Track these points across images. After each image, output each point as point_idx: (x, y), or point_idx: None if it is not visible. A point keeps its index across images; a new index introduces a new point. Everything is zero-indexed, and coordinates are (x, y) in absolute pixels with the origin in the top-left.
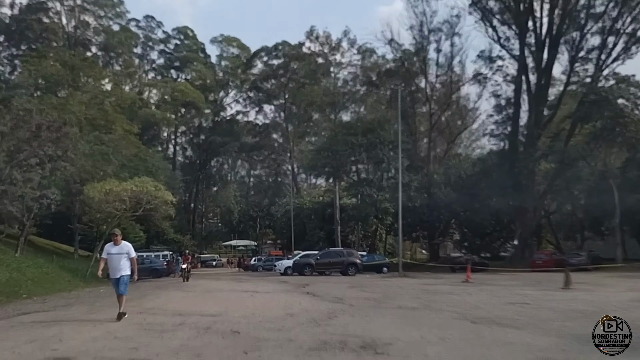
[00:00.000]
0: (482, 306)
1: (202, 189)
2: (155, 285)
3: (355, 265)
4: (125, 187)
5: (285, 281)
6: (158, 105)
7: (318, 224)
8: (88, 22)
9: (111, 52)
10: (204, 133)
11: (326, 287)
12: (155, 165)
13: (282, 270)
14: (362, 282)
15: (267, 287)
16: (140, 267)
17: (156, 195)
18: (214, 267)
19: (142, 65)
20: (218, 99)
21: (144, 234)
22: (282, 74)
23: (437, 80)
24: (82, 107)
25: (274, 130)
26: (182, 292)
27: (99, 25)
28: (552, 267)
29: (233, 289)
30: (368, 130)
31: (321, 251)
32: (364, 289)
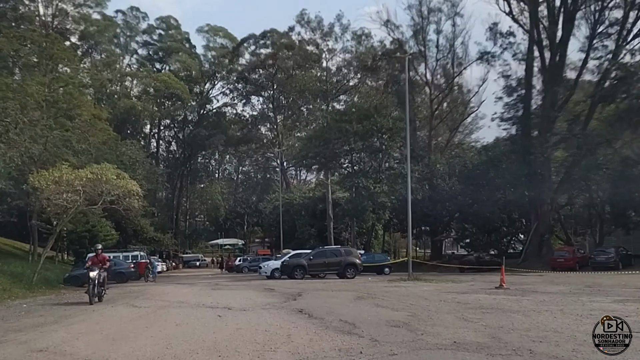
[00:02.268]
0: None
1: (187, 184)
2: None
3: (355, 266)
4: (79, 174)
5: (272, 288)
6: (139, 96)
7: (309, 220)
8: (66, 10)
9: (90, 40)
10: (188, 126)
11: (325, 300)
12: (130, 156)
13: (269, 273)
14: (368, 289)
15: (247, 299)
16: None
17: (118, 184)
18: (198, 268)
19: (123, 56)
20: (204, 90)
21: (115, 233)
22: (271, 64)
23: (437, 64)
24: (42, 89)
25: (262, 123)
26: (126, 308)
27: (77, 13)
28: (575, 266)
29: (199, 303)
30: (363, 117)
31: (314, 250)
32: (377, 301)
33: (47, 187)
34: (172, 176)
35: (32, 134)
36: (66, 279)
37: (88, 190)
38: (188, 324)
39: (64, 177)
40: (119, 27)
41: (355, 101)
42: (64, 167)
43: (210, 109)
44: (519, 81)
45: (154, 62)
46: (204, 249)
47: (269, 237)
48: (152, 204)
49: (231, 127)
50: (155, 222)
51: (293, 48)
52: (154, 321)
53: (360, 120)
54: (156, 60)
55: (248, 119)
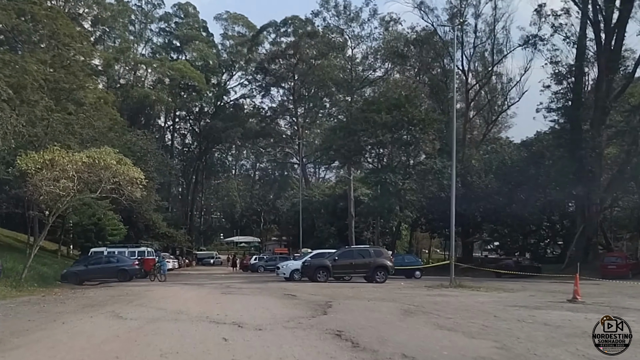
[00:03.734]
0: None
1: (202, 179)
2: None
3: (386, 268)
4: (73, 158)
5: (293, 294)
6: (154, 86)
7: (329, 218)
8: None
9: (102, 25)
10: (204, 118)
11: (365, 314)
12: (142, 147)
13: (288, 275)
14: (411, 299)
15: (263, 309)
16: (104, 267)
17: (118, 171)
18: (212, 266)
19: (137, 44)
20: (221, 81)
21: (124, 227)
22: (292, 54)
23: (475, 51)
24: (42, 67)
25: (282, 116)
26: (106, 320)
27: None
28: (628, 273)
29: (202, 315)
30: (393, 106)
31: (339, 250)
32: (434, 318)
33: (38, 172)
34: (187, 170)
35: (31, 116)
36: (64, 276)
37: (84, 177)
38: (179, 353)
39: (56, 160)
40: (133, 13)
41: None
42: (56, 149)
43: (228, 100)
44: (570, 68)
45: (170, 51)
46: (219, 246)
47: (286, 236)
48: (165, 198)
49: (249, 120)
50: (168, 217)
51: (316, 36)
52: (132, 347)
53: (389, 111)
54: (172, 49)
55: (267, 111)
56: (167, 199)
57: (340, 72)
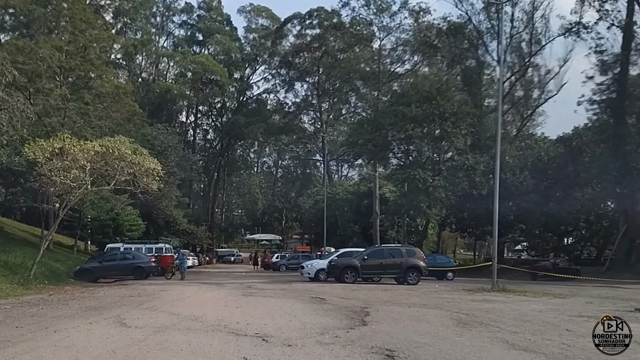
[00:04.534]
0: None
1: (224, 176)
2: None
3: (419, 269)
4: (84, 147)
5: (321, 297)
6: (176, 80)
7: (352, 216)
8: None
9: (124, 17)
10: (227, 114)
11: (412, 325)
12: (163, 141)
13: (313, 275)
14: (456, 305)
15: (290, 316)
16: (120, 264)
17: (133, 161)
18: (233, 263)
19: (159, 36)
20: (244, 76)
21: (143, 223)
22: (317, 47)
23: (511, 41)
24: (56, 54)
25: (306, 111)
26: (107, 327)
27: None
28: None
29: (220, 323)
30: (423, 99)
31: (369, 248)
32: (497, 332)
33: (47, 161)
34: (208, 167)
35: (46, 105)
36: (77, 273)
37: (97, 167)
38: None
39: (66, 148)
40: (155, 4)
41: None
42: (67, 137)
43: (250, 95)
44: (616, 57)
45: (192, 44)
46: (240, 243)
47: (308, 234)
48: (186, 194)
49: (272, 116)
50: (189, 213)
51: (342, 28)
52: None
53: (419, 104)
54: (194, 43)
55: (290, 106)
56: (189, 195)
57: (367, 65)
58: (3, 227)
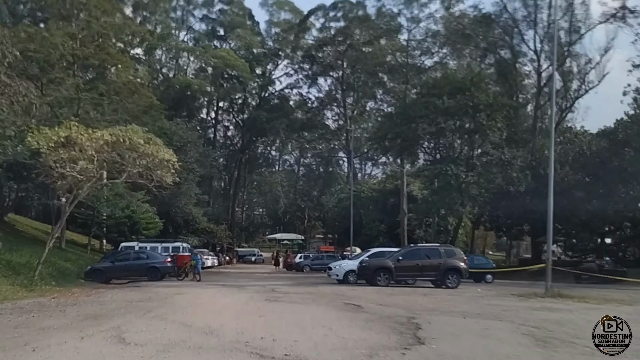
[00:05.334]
0: None
1: (245, 174)
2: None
3: (459, 271)
4: (93, 136)
5: (355, 303)
6: (196, 75)
7: (378, 215)
8: None
9: (143, 11)
10: (248, 110)
11: (480, 344)
12: (182, 136)
13: (341, 277)
14: (516, 315)
15: (325, 329)
16: (133, 264)
17: (145, 152)
18: (253, 263)
19: (179, 30)
20: (266, 71)
21: (160, 220)
22: (342, 41)
23: (549, 29)
24: (69, 41)
25: (329, 107)
26: (100, 343)
27: None
28: None
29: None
30: (456, 90)
31: (403, 248)
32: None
33: (52, 151)
34: (229, 164)
35: (57, 95)
36: (87, 273)
37: (107, 158)
38: None
39: (73, 137)
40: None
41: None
42: (74, 125)
43: (272, 91)
44: None
45: (212, 39)
46: (261, 243)
47: (331, 233)
48: (206, 192)
49: (294, 112)
50: (209, 212)
51: (368, 20)
52: None
53: (452, 95)
54: (215, 38)
55: (313, 101)
56: (209, 193)
57: (394, 58)
58: (15, 225)
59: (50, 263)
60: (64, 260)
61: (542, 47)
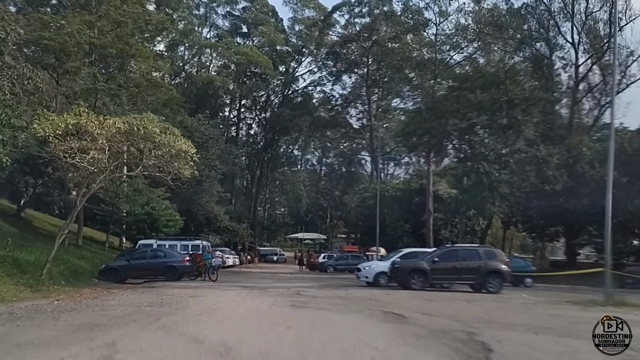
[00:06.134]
0: None
1: (267, 172)
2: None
3: (501, 275)
4: (105, 124)
5: (396, 312)
6: (219, 72)
7: (402, 215)
8: None
9: (166, 7)
10: (271, 108)
11: None
12: (203, 132)
13: (371, 279)
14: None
15: (369, 349)
16: (149, 262)
17: (162, 142)
18: (275, 263)
19: (202, 27)
20: (289, 68)
21: (181, 218)
22: (367, 37)
23: (587, 20)
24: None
25: (354, 104)
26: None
27: None
28: None
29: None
30: (490, 83)
31: (439, 249)
32: None
33: (61, 141)
34: (251, 163)
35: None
36: (102, 272)
37: (120, 148)
38: None
39: (82, 125)
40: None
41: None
42: (83, 112)
43: (296, 89)
44: None
45: (235, 36)
46: (283, 242)
47: (354, 233)
48: (228, 190)
49: (318, 110)
50: (231, 210)
51: (394, 16)
52: None
53: (485, 89)
54: (238, 35)
55: (337, 99)
56: (231, 192)
57: (421, 53)
58: (32, 221)
59: (62, 261)
60: (78, 258)
61: (579, 39)
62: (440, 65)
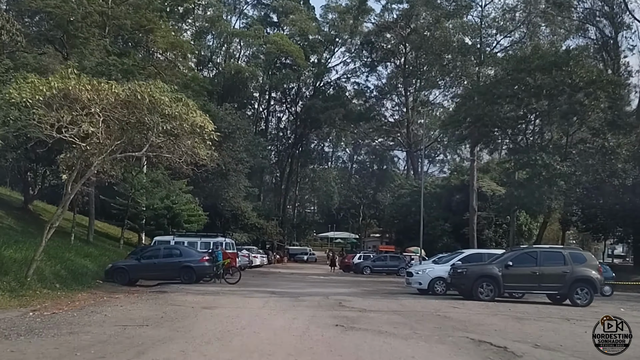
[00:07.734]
0: None
1: (297, 168)
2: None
3: (592, 284)
4: (99, 88)
5: (486, 339)
6: (248, 62)
7: (441, 213)
8: None
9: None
10: (302, 100)
11: None
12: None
13: (425, 285)
14: None
15: None
16: (162, 262)
17: (172, 113)
18: (305, 262)
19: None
20: (322, 59)
21: (204, 213)
22: (404, 25)
23: None
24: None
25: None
26: None
27: None
28: None
29: None
30: (552, 65)
31: (512, 251)
32: None
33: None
34: (281, 158)
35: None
36: (108, 272)
37: (120, 121)
38: None
39: (71, 91)
40: None
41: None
42: (71, 74)
43: (328, 80)
44: None
45: (265, 25)
46: (313, 241)
47: (388, 232)
48: (257, 186)
49: (351, 102)
50: (259, 207)
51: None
52: None
53: (545, 71)
54: (268, 24)
55: (372, 90)
56: (259, 187)
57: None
58: (40, 214)
59: (60, 260)
60: (82, 256)
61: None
62: (485, 51)
